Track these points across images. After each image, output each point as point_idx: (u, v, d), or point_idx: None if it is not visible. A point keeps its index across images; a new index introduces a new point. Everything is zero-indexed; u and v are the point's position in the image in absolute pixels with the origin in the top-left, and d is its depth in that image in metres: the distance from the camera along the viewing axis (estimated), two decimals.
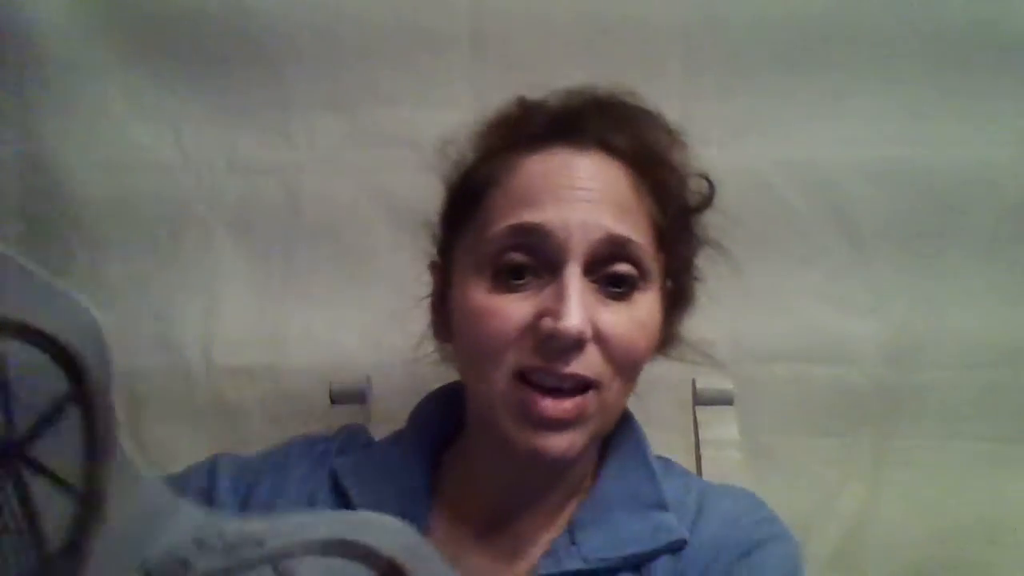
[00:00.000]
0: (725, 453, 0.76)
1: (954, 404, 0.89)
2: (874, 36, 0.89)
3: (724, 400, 0.78)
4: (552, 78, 0.86)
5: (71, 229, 0.94)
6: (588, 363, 0.55)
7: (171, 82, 0.94)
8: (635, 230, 0.57)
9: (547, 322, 0.54)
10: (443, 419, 0.67)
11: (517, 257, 0.56)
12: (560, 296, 0.54)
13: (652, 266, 0.58)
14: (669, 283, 0.63)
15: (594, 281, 0.56)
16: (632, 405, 0.91)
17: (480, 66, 0.91)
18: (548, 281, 0.55)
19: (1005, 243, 0.89)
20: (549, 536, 0.60)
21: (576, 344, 0.54)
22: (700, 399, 0.79)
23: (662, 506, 0.59)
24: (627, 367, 0.57)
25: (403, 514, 0.60)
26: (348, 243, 0.93)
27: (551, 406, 0.54)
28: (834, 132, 0.90)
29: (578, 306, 0.53)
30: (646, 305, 0.58)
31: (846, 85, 0.89)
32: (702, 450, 0.77)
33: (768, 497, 0.87)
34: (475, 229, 0.59)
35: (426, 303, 0.68)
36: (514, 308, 0.55)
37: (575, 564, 0.56)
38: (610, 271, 0.56)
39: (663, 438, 0.88)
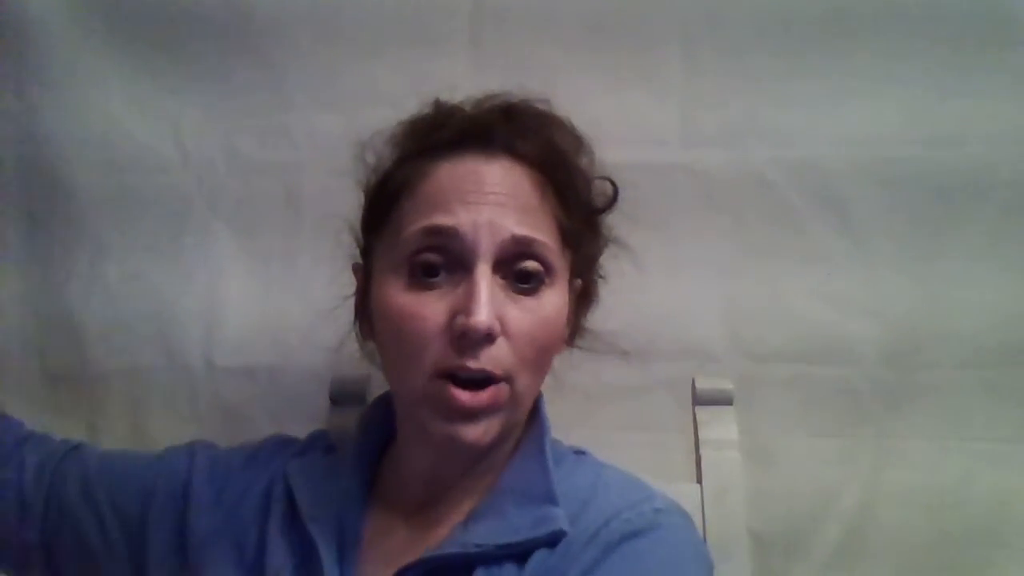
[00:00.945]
0: (725, 453, 0.76)
1: (954, 404, 0.89)
2: (874, 36, 0.89)
3: (724, 400, 0.79)
4: (552, 78, 0.86)
5: (71, 229, 0.94)
6: (497, 358, 0.59)
7: (171, 82, 0.94)
8: (539, 230, 0.61)
9: (460, 319, 0.58)
10: (384, 423, 0.70)
11: (430, 256, 0.60)
12: (470, 294, 0.58)
13: (557, 263, 0.63)
14: (578, 282, 0.68)
15: (504, 278, 0.60)
16: (632, 405, 0.92)
17: (480, 66, 0.91)
18: (460, 279, 0.60)
19: (1005, 243, 0.89)
20: (457, 521, 0.63)
21: (486, 338, 0.58)
22: (700, 399, 0.79)
23: (550, 499, 0.61)
24: (534, 359, 0.61)
25: (340, 512, 0.64)
26: (348, 243, 0.93)
27: (468, 398, 0.58)
28: (834, 132, 0.90)
29: (487, 303, 0.58)
30: (552, 300, 0.62)
31: (846, 85, 0.89)
32: (702, 450, 0.77)
33: (768, 497, 0.87)
34: (391, 232, 0.63)
35: (350, 303, 0.72)
36: (430, 309, 0.59)
37: (454, 548, 0.60)
38: (517, 268, 0.60)
39: (663, 438, 0.89)
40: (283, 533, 0.65)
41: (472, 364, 0.58)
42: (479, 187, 0.61)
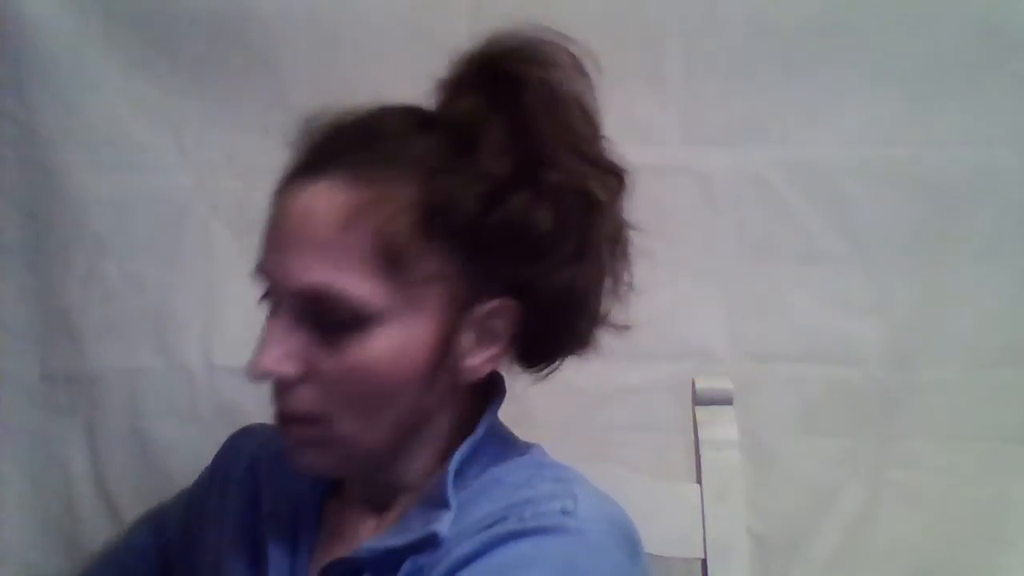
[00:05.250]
0: (725, 453, 0.76)
1: (955, 404, 0.89)
2: (874, 36, 0.89)
3: (724, 400, 0.78)
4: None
5: (71, 229, 0.94)
6: (299, 401, 0.55)
7: (171, 82, 0.94)
8: (339, 271, 0.53)
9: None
10: None
11: (264, 300, 0.57)
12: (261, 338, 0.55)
13: (378, 301, 0.53)
14: (493, 304, 0.56)
15: (314, 322, 0.54)
16: (632, 405, 0.92)
17: None
18: None
19: (1006, 242, 0.89)
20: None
21: (276, 382, 0.55)
22: (700, 399, 0.78)
23: (443, 503, 0.56)
24: (352, 404, 0.55)
25: (298, 507, 0.62)
26: None
27: (283, 429, 0.57)
28: (834, 132, 0.90)
29: (269, 347, 0.54)
30: (376, 343, 0.53)
31: (846, 85, 0.89)
32: (702, 450, 0.77)
33: (768, 497, 0.87)
34: None
35: None
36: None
37: (347, 553, 0.58)
38: (321, 314, 0.54)
39: (663, 438, 0.89)
40: (241, 532, 0.64)
41: (277, 404, 0.56)
42: (285, 221, 0.55)
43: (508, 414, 0.64)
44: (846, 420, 0.90)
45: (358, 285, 0.53)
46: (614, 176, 0.58)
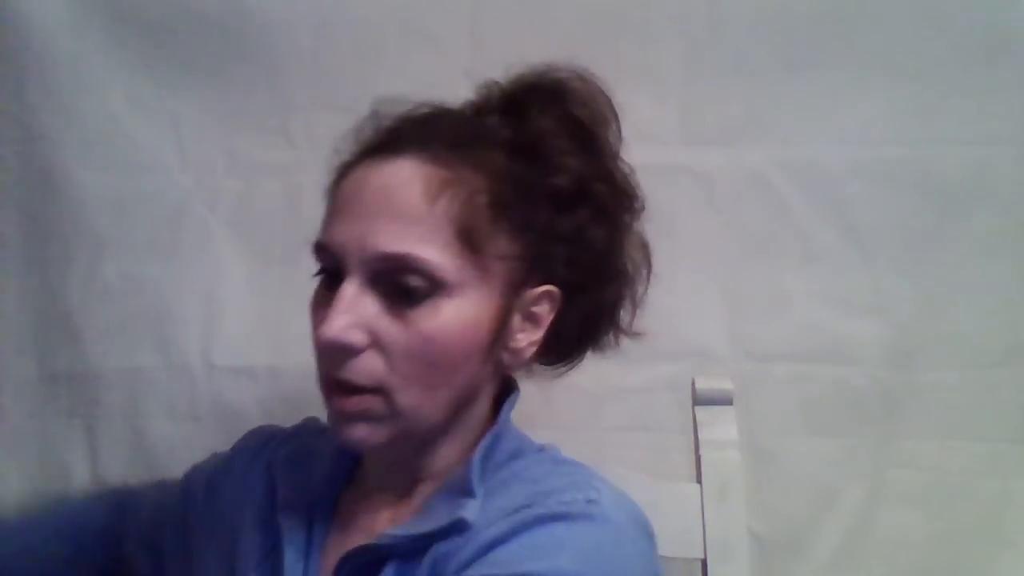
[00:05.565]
0: (725, 453, 0.76)
1: (955, 404, 0.89)
2: (874, 36, 0.89)
3: (724, 400, 0.78)
4: None
5: (71, 229, 0.94)
6: (363, 370, 0.56)
7: (171, 82, 0.94)
8: (421, 242, 0.56)
9: (317, 330, 0.57)
10: None
11: (324, 274, 0.59)
12: (330, 307, 0.56)
13: (454, 275, 0.56)
14: (543, 290, 0.61)
15: (383, 292, 0.56)
16: (632, 405, 0.92)
17: (480, 66, 0.91)
18: None
19: (1005, 243, 0.89)
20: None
21: (342, 350, 0.56)
22: (700, 399, 0.78)
23: (468, 492, 0.58)
24: (417, 375, 0.57)
25: (314, 498, 0.63)
26: None
27: (339, 401, 0.57)
28: (834, 132, 0.90)
29: (339, 316, 0.55)
30: (445, 314, 0.56)
31: (845, 85, 0.89)
32: (702, 450, 0.77)
33: (768, 497, 0.87)
34: None
35: None
36: (321, 318, 0.57)
37: (367, 540, 0.58)
38: (397, 282, 0.56)
39: (663, 438, 0.89)
40: (258, 524, 0.65)
41: (336, 374, 0.56)
42: (362, 195, 0.57)
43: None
44: (846, 420, 0.90)
45: (439, 256, 0.56)
46: (638, 199, 0.66)
